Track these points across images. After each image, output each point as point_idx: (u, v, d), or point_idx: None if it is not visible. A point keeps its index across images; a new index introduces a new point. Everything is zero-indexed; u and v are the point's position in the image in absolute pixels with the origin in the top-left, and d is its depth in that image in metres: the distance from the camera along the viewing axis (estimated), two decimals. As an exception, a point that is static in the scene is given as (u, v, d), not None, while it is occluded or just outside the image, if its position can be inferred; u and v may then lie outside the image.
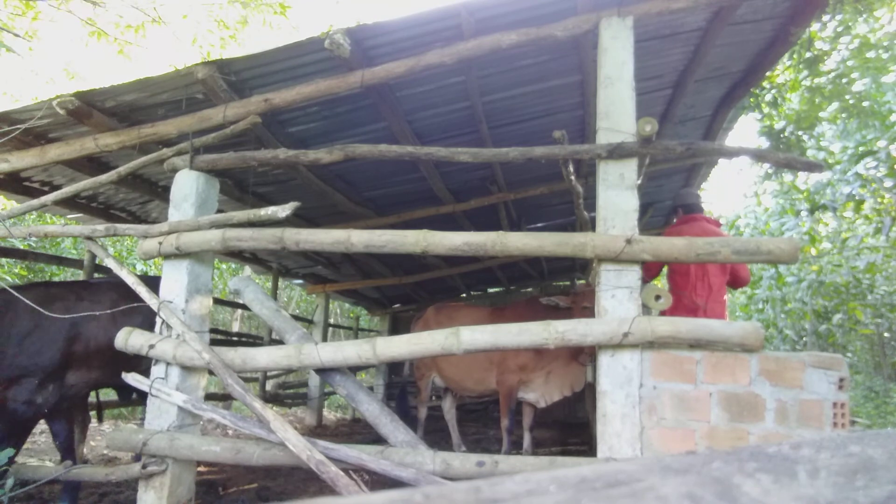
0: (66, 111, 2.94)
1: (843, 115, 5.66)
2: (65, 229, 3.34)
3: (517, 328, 2.45)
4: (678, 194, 4.19)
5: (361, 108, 3.59)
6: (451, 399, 5.83)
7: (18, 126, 3.13)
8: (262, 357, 2.71)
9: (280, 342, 3.74)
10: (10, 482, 2.83)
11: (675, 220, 4.05)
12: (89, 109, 3.07)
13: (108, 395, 8.06)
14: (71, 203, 4.33)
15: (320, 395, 8.13)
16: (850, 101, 5.33)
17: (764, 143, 5.47)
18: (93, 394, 3.98)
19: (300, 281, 8.81)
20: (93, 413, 4.04)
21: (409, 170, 4.64)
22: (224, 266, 11.19)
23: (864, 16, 4.93)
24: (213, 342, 3.87)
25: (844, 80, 5.24)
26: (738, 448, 0.46)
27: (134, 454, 4.08)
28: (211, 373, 2.97)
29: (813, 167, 2.71)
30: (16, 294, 3.01)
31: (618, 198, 2.54)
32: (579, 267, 9.01)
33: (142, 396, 3.90)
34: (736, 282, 3.86)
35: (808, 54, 4.96)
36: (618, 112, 2.59)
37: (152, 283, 3.27)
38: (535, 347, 2.43)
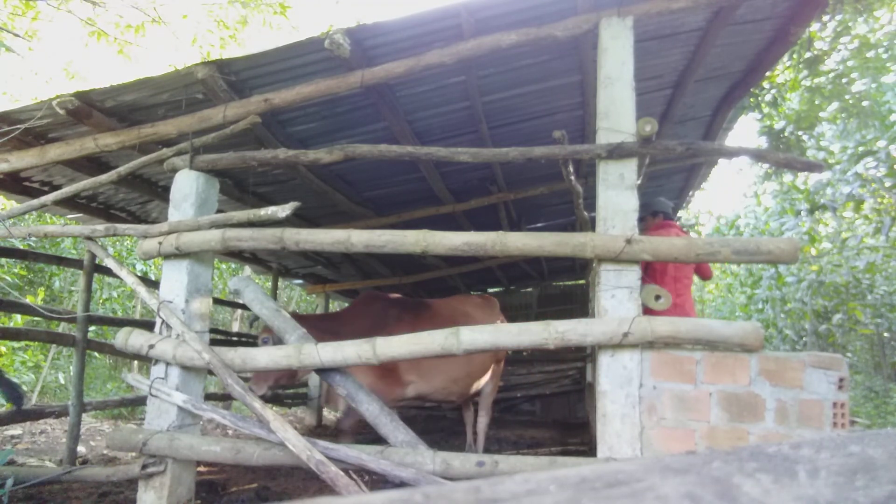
0: (66, 111, 2.94)
1: (843, 115, 5.66)
2: (65, 229, 3.34)
3: (517, 328, 2.45)
4: (657, 201, 4.38)
5: (361, 108, 3.59)
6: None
7: (18, 126, 3.13)
8: (262, 357, 2.70)
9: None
10: (9, 482, 2.83)
11: (650, 224, 4.18)
12: (89, 109, 3.07)
13: (108, 394, 8.06)
14: (71, 203, 4.33)
15: (320, 395, 8.12)
16: (850, 101, 5.33)
17: (764, 143, 5.47)
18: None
19: (300, 281, 8.82)
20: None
21: (409, 170, 4.64)
22: (224, 266, 11.19)
23: (864, 16, 4.93)
24: (213, 342, 3.87)
25: (844, 80, 5.24)
26: (738, 448, 0.46)
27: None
28: (211, 373, 2.97)
29: (813, 167, 2.71)
30: None
31: (618, 198, 2.54)
32: (579, 267, 9.01)
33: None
34: (703, 274, 4.21)
35: (808, 54, 4.96)
36: (618, 112, 2.59)
37: None
38: (535, 347, 2.43)
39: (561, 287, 9.91)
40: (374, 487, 2.76)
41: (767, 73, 4.26)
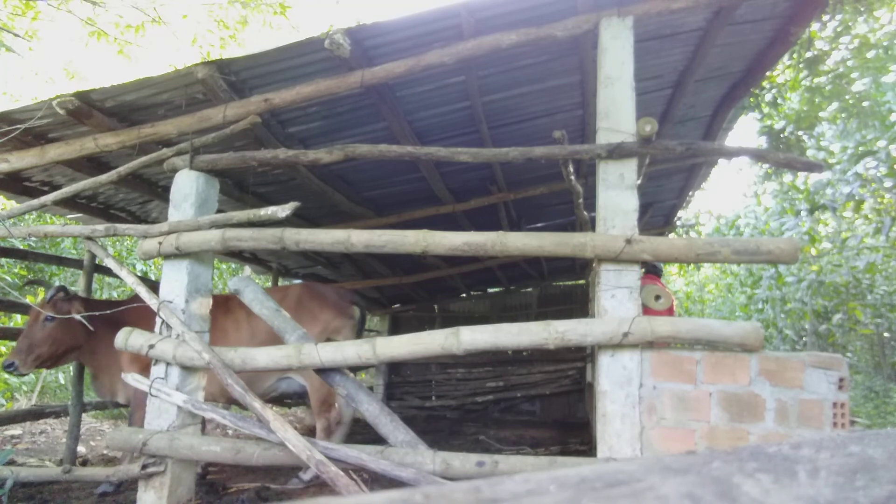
0: (66, 111, 2.94)
1: (843, 115, 5.66)
2: (65, 229, 3.34)
3: (517, 328, 2.45)
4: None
5: (361, 108, 3.59)
6: None
7: (18, 126, 3.13)
8: (262, 357, 2.70)
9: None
10: (9, 482, 2.83)
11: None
12: (89, 109, 3.07)
13: (108, 395, 8.05)
14: (71, 203, 4.32)
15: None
16: (850, 101, 5.33)
17: (764, 143, 5.47)
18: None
19: (300, 281, 8.81)
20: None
21: (409, 170, 4.64)
22: (224, 266, 11.18)
23: (864, 16, 4.93)
24: (213, 342, 3.86)
25: (844, 81, 5.24)
26: (738, 448, 0.46)
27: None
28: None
29: (813, 167, 2.71)
30: None
31: (618, 198, 2.54)
32: (579, 267, 9.01)
33: None
34: None
35: (808, 54, 4.97)
36: (618, 112, 2.60)
37: None
38: (535, 347, 2.43)
39: (561, 287, 9.91)
40: (374, 487, 2.76)
41: (767, 73, 4.26)
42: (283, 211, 2.67)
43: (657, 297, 2.48)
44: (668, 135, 4.54)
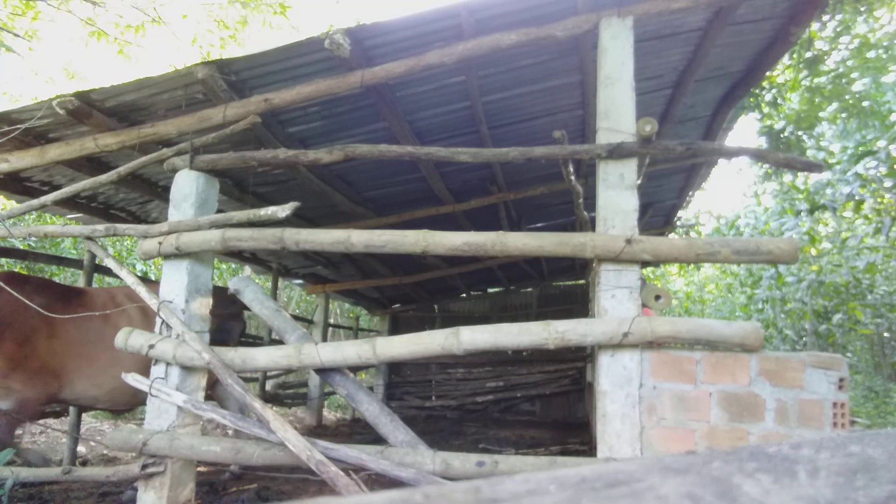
0: (66, 111, 2.94)
1: (843, 115, 5.66)
2: (65, 229, 3.34)
3: (517, 328, 2.45)
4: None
5: (361, 108, 3.59)
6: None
7: (18, 126, 3.13)
8: (262, 357, 2.71)
9: (280, 342, 3.73)
10: (9, 482, 2.83)
11: None
12: (89, 109, 3.07)
13: (108, 395, 8.05)
14: (71, 203, 4.32)
15: (320, 395, 8.13)
16: (850, 101, 5.33)
17: (764, 143, 5.47)
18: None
19: (300, 281, 8.81)
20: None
21: (409, 170, 4.64)
22: (224, 266, 11.18)
23: (864, 16, 4.93)
24: (213, 342, 3.85)
25: (844, 81, 5.25)
26: (738, 448, 0.46)
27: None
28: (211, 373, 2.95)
29: (813, 167, 2.71)
30: None
31: (618, 198, 2.54)
32: (579, 267, 9.01)
33: None
34: None
35: (808, 54, 4.97)
36: (618, 112, 2.60)
37: None
38: (535, 347, 2.42)
39: (561, 287, 9.91)
40: (373, 487, 2.76)
41: (767, 73, 4.26)
42: (283, 211, 2.67)
43: (657, 297, 2.48)
44: (668, 135, 4.54)
